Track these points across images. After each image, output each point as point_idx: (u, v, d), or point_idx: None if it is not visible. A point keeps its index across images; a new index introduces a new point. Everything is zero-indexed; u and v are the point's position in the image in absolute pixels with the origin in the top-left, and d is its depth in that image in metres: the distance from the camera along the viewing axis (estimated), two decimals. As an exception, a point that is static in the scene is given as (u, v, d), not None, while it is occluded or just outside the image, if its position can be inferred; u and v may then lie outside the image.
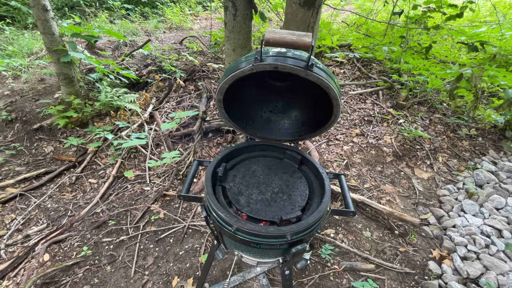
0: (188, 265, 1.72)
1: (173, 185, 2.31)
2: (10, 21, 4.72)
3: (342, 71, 4.02)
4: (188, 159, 2.48)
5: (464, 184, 2.33)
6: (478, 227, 1.93)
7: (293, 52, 0.86)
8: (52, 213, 2.09)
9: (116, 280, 1.64)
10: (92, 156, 2.60)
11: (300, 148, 1.23)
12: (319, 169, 1.10)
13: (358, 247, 1.86)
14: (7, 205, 2.13)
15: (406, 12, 3.83)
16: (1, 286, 1.60)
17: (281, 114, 1.28)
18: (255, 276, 1.48)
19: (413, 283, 1.65)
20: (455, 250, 1.79)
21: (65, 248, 1.83)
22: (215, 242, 1.09)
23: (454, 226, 1.96)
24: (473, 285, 1.58)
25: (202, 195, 1.01)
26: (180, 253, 1.80)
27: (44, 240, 1.86)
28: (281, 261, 1.00)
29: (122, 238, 1.89)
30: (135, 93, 3.24)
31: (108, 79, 3.21)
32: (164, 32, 5.84)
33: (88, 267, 1.71)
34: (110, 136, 2.55)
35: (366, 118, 3.12)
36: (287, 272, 1.04)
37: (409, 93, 3.42)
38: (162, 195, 2.21)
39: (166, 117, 3.08)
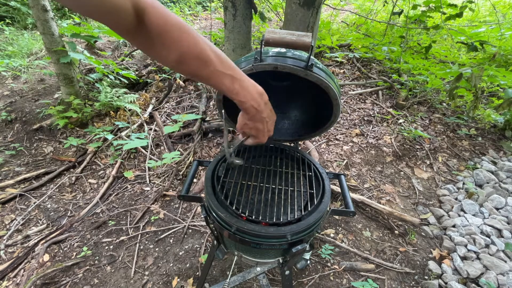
0: (188, 265, 1.72)
1: (173, 185, 2.31)
2: (10, 22, 4.72)
3: (342, 71, 4.02)
4: (188, 159, 2.48)
5: (464, 184, 2.33)
6: (478, 226, 1.93)
7: (292, 52, 0.86)
8: (52, 213, 2.09)
9: (116, 281, 1.64)
10: (92, 157, 2.59)
11: (300, 148, 1.22)
12: (319, 169, 1.09)
13: (358, 247, 1.86)
14: (6, 205, 2.13)
15: (406, 12, 3.83)
16: (1, 287, 1.60)
17: (281, 114, 1.28)
18: (255, 276, 1.48)
19: (413, 283, 1.65)
20: (455, 250, 1.79)
21: (65, 249, 1.83)
22: (215, 242, 1.09)
23: (454, 226, 1.96)
24: (473, 285, 1.58)
25: (202, 195, 1.00)
26: (180, 253, 1.80)
27: (44, 241, 1.86)
28: (281, 261, 0.99)
29: (122, 238, 1.89)
30: (134, 93, 3.24)
31: (108, 79, 3.21)
32: (163, 32, 5.84)
33: (88, 267, 1.71)
34: (109, 137, 2.55)
35: (366, 118, 3.12)
36: (287, 272, 1.04)
37: (409, 93, 3.42)
38: (162, 195, 2.21)
39: (166, 117, 3.08)
